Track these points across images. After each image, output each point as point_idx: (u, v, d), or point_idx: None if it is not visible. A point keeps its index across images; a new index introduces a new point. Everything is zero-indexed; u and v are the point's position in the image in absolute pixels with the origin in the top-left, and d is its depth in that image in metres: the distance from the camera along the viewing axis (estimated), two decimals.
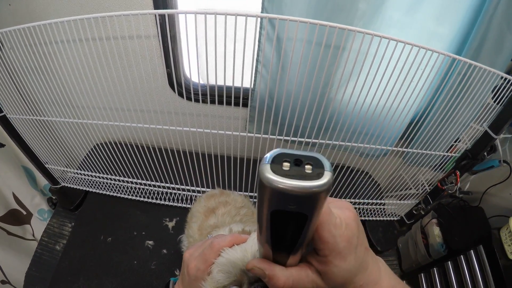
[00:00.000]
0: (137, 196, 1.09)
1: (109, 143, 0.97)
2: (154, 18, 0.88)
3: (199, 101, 0.76)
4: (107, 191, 1.11)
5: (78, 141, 0.99)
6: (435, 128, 0.89)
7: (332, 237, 0.25)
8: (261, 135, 0.86)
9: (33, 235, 1.13)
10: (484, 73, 0.72)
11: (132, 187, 1.10)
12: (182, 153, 0.94)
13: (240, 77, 0.69)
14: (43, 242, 1.05)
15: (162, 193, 1.10)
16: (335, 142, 0.87)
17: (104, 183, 1.11)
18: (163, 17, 0.85)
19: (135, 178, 1.07)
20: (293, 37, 0.65)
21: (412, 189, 1.10)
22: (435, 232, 1.17)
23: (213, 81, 0.71)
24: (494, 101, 0.82)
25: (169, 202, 1.09)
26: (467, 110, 0.82)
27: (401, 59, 0.65)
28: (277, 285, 0.27)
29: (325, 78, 0.83)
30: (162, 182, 1.07)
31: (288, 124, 0.82)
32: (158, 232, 1.04)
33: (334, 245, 0.26)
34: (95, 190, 1.12)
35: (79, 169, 1.12)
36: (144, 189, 1.10)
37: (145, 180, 1.08)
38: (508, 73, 0.76)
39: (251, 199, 0.88)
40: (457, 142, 0.96)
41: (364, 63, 0.66)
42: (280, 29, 0.83)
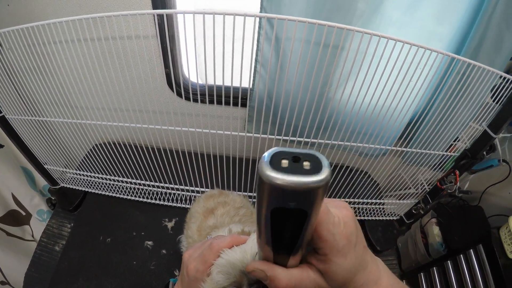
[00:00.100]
0: (136, 196, 1.09)
1: (108, 143, 0.97)
2: (152, 18, 0.88)
3: (197, 101, 0.76)
4: (106, 191, 1.11)
5: (77, 141, 0.99)
6: (434, 127, 0.89)
7: (331, 235, 0.26)
8: (260, 135, 0.86)
9: (32, 236, 1.13)
10: (483, 72, 0.72)
11: (131, 188, 1.10)
12: (181, 153, 0.94)
13: (239, 77, 0.69)
14: (42, 242, 1.05)
15: (161, 193, 1.10)
16: (334, 141, 0.86)
17: (103, 183, 1.10)
18: (161, 17, 0.85)
19: (134, 178, 1.07)
20: (291, 36, 0.65)
21: (412, 188, 1.10)
22: (435, 231, 1.17)
23: (211, 81, 0.71)
24: (493, 100, 0.82)
25: (168, 202, 1.09)
26: (466, 109, 0.82)
27: (400, 58, 0.65)
28: (279, 287, 0.27)
29: (324, 77, 0.83)
30: (161, 182, 1.07)
31: (287, 123, 0.82)
32: (157, 232, 1.04)
33: (333, 243, 0.26)
34: (94, 191, 1.12)
35: (78, 169, 1.12)
36: (143, 189, 1.10)
37: (144, 180, 1.07)
38: (507, 72, 0.76)
39: (250, 199, 0.88)
40: (456, 141, 0.96)
41: (363, 62, 0.66)
42: (278, 28, 0.83)
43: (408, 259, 1.30)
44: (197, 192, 1.09)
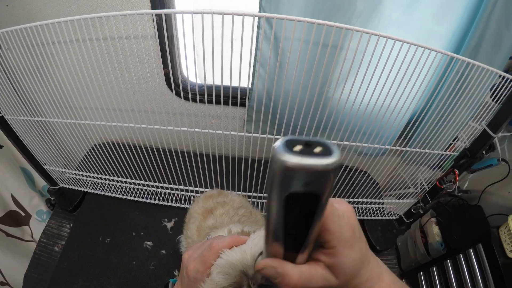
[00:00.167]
0: (135, 196, 1.09)
1: (107, 143, 0.97)
2: (151, 18, 0.87)
3: (196, 101, 0.76)
4: (105, 191, 1.11)
5: (76, 142, 0.99)
6: (434, 127, 0.89)
7: (338, 226, 0.26)
8: (259, 134, 0.86)
9: (31, 236, 1.13)
10: (483, 72, 0.72)
11: (130, 188, 1.10)
12: (180, 153, 0.94)
13: (238, 76, 0.69)
14: (41, 243, 1.04)
15: (161, 193, 1.10)
16: (333, 141, 0.86)
17: (103, 183, 1.10)
18: (160, 17, 0.85)
19: (133, 178, 1.07)
20: (290, 36, 0.64)
21: (411, 188, 1.10)
22: (434, 231, 1.17)
23: (210, 81, 0.71)
24: (493, 99, 0.82)
25: (168, 202, 1.09)
26: (466, 108, 0.82)
27: (399, 57, 0.65)
28: (290, 284, 0.27)
29: (323, 77, 0.83)
30: (160, 182, 1.07)
31: (286, 123, 0.82)
32: (157, 232, 1.03)
33: (340, 234, 0.26)
34: (93, 191, 1.12)
35: (77, 170, 1.12)
36: (142, 189, 1.10)
37: (143, 180, 1.07)
38: (506, 72, 0.76)
39: (249, 199, 0.88)
40: (455, 140, 0.96)
41: (362, 62, 0.66)
42: (277, 28, 0.83)
43: (407, 258, 1.30)
44: (196, 192, 1.09)
